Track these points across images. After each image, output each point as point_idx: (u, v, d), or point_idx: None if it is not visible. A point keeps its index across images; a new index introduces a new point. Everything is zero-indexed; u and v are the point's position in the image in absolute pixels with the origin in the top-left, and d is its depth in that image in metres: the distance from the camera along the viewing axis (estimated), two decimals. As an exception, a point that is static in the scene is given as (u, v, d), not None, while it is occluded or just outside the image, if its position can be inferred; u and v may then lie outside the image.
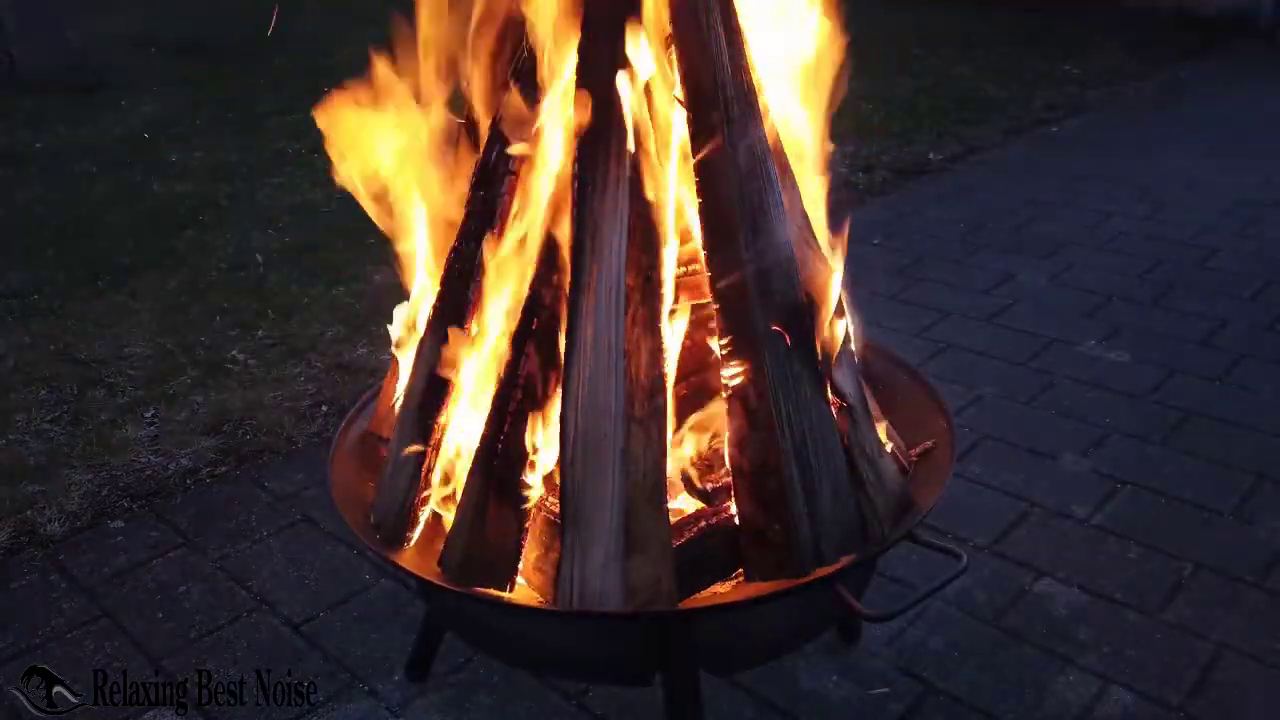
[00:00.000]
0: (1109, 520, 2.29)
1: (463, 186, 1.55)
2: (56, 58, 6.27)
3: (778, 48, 1.50)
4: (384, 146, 1.56)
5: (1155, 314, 3.27)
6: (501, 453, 1.41)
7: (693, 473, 1.46)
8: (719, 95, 1.36)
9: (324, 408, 2.81)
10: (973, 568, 2.08)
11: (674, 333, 1.43)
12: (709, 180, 1.39)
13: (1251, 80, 6.17)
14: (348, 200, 1.66)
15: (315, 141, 1.62)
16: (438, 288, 1.55)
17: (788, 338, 1.40)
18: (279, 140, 5.18)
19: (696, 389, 1.49)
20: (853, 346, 1.56)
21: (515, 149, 1.45)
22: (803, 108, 1.53)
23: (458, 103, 1.58)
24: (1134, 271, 3.59)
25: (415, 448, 1.52)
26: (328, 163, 1.59)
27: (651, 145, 1.38)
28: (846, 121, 5.32)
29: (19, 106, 5.78)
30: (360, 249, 3.72)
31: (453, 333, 1.49)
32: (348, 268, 3.67)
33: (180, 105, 5.86)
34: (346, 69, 1.58)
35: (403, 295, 1.72)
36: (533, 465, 1.43)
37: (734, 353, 1.40)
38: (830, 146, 1.58)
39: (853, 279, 1.57)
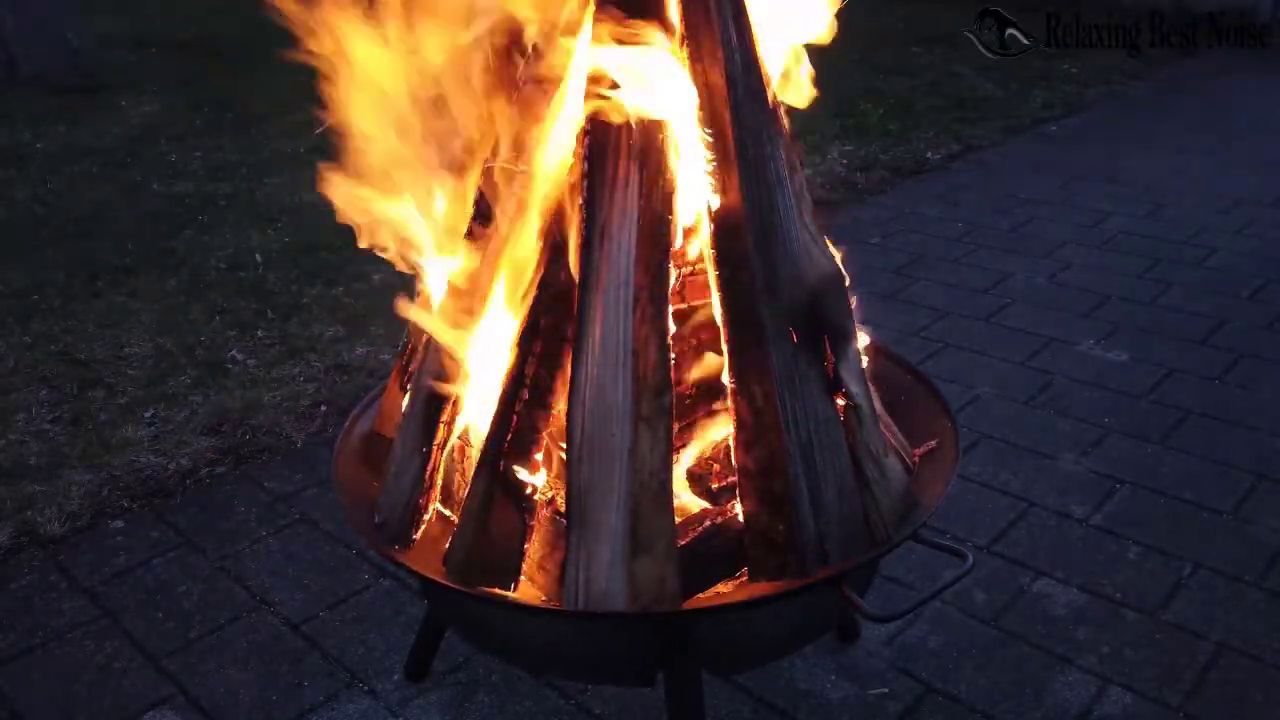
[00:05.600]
0: (1108, 520, 2.29)
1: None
2: (56, 58, 6.26)
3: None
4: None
5: (1154, 313, 3.27)
6: (507, 452, 1.41)
7: (698, 472, 1.46)
8: (730, 93, 1.36)
9: (324, 408, 2.81)
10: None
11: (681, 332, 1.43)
12: (718, 178, 1.39)
13: (1250, 79, 6.18)
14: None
15: (315, 141, 1.61)
16: (445, 288, 1.55)
17: (794, 336, 1.40)
18: (278, 140, 5.18)
19: (702, 388, 1.49)
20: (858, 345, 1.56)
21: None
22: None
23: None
24: (1132, 271, 3.60)
25: (420, 447, 1.52)
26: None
27: (661, 142, 1.37)
28: (845, 120, 5.33)
29: (19, 106, 5.76)
30: (360, 249, 3.70)
31: (458, 331, 1.49)
32: (348, 268, 3.67)
33: (180, 105, 5.86)
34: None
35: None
36: (538, 465, 1.43)
37: (740, 351, 1.40)
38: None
39: (851, 278, 1.57)
